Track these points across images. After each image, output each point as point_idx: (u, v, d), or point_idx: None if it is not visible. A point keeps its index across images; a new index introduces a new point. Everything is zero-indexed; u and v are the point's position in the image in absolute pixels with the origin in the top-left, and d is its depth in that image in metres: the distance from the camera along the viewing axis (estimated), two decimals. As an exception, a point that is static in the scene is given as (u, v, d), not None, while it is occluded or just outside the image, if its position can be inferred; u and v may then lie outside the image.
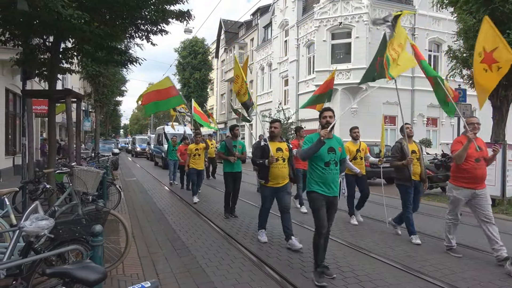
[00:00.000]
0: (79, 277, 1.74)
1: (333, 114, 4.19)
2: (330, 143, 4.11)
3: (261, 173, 5.50)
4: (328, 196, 4.06)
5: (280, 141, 5.56)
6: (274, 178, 5.33)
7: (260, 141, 5.50)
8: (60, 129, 23.56)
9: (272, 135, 5.53)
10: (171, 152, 12.91)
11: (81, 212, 4.25)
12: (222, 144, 7.69)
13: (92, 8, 5.65)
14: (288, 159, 5.41)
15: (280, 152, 5.35)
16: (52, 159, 6.46)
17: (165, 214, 7.70)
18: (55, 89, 6.68)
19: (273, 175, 5.32)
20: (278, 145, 5.44)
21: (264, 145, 5.44)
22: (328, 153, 4.07)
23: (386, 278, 4.12)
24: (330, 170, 4.05)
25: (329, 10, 20.49)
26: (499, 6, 8.32)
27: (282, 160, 5.33)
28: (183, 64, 33.70)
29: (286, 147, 5.46)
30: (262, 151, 5.43)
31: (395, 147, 5.89)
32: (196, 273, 4.27)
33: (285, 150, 5.40)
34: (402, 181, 5.72)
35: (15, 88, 13.14)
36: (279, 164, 5.31)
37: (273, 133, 5.51)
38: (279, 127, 5.57)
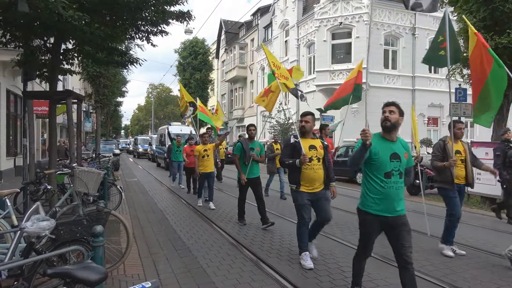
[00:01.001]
0: (80, 277, 1.75)
1: (396, 109, 3.27)
2: (393, 148, 3.19)
3: (291, 176, 4.62)
4: (387, 216, 3.15)
5: (313, 138, 4.71)
6: (308, 182, 4.48)
7: (290, 138, 4.75)
8: (61, 130, 23.57)
9: (303, 131, 4.69)
10: (175, 153, 12.29)
11: (82, 213, 4.26)
12: (237, 146, 6.78)
13: (92, 10, 5.65)
14: (323, 159, 4.58)
15: (313, 151, 4.51)
16: (52, 160, 6.47)
17: (166, 214, 7.71)
18: (56, 90, 6.69)
19: (306, 178, 4.47)
20: (310, 142, 4.60)
21: (294, 142, 4.62)
22: (390, 161, 3.15)
23: (387, 278, 4.12)
24: (392, 183, 3.13)
25: (329, 10, 20.50)
26: (499, 5, 8.32)
27: (317, 160, 4.51)
28: (183, 64, 33.75)
29: (320, 145, 4.62)
30: (292, 149, 4.60)
31: (437, 145, 5.25)
32: (197, 273, 4.28)
33: (319, 148, 4.57)
34: (444, 183, 5.06)
35: (16, 89, 13.17)
36: (313, 164, 4.47)
37: (304, 129, 4.67)
38: (311, 121, 4.65)
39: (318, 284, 3.97)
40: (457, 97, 11.79)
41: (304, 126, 4.65)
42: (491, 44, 8.47)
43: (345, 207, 8.67)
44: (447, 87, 4.34)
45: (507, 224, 7.18)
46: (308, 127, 4.65)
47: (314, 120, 4.72)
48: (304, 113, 4.74)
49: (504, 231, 6.56)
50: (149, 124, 61.27)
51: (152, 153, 26.30)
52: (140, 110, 72.79)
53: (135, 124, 75.40)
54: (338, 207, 8.65)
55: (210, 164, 8.59)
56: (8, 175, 12.30)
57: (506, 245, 5.12)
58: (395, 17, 21.12)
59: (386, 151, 3.16)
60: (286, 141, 4.75)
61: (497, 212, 7.68)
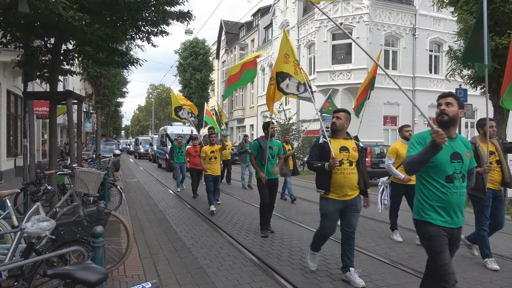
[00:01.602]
0: (80, 278, 1.75)
1: (455, 100, 2.77)
2: (453, 146, 2.74)
3: (319, 180, 4.09)
4: (451, 228, 2.73)
5: (346, 138, 4.08)
6: (339, 188, 3.91)
7: (319, 137, 4.16)
8: (62, 130, 23.60)
9: (333, 129, 4.10)
10: (176, 154, 11.75)
11: (82, 213, 4.26)
12: (254, 145, 6.25)
13: (93, 10, 5.66)
14: (357, 163, 3.99)
15: (345, 153, 3.93)
16: (53, 160, 6.47)
17: (166, 215, 7.71)
18: (56, 91, 6.70)
19: (337, 183, 3.90)
20: (342, 143, 4.01)
21: (323, 142, 4.03)
22: (451, 162, 2.71)
23: (387, 279, 4.12)
24: (455, 188, 2.69)
25: (329, 10, 20.49)
26: (499, 6, 8.31)
27: (349, 163, 3.91)
28: (183, 65, 33.77)
29: (354, 146, 4.02)
30: (320, 150, 4.05)
31: None
32: (197, 273, 4.28)
33: (352, 150, 3.97)
34: (474, 191, 4.36)
35: (17, 89, 13.18)
36: (344, 168, 3.88)
37: (334, 126, 4.07)
38: (343, 118, 4.03)
39: (318, 285, 3.97)
40: (458, 97, 11.76)
41: (335, 123, 4.05)
42: (491, 44, 8.47)
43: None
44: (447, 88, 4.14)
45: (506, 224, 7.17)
46: (339, 124, 4.02)
47: (349, 118, 4.10)
48: (337, 109, 4.25)
49: (504, 231, 6.55)
50: (149, 124, 61.33)
51: (153, 153, 26.07)
52: (141, 111, 72.83)
53: (135, 125, 75.45)
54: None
55: (217, 167, 8.15)
56: (9, 175, 12.30)
57: (505, 245, 5.12)
58: (395, 18, 21.13)
59: (445, 151, 2.65)
60: (315, 141, 4.20)
61: None
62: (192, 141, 10.59)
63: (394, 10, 21.10)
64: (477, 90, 10.23)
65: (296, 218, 7.25)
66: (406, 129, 5.75)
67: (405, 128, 5.79)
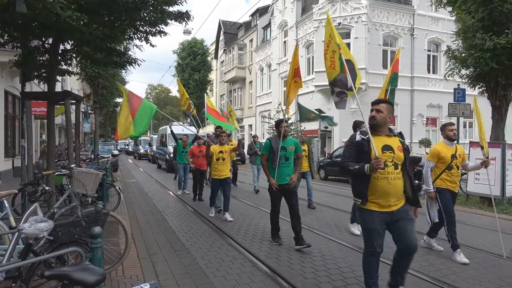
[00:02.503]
0: (78, 279, 1.74)
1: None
2: None
3: (355, 187, 3.38)
4: None
5: (389, 135, 3.35)
6: (381, 197, 3.19)
7: (355, 134, 3.43)
8: (60, 131, 23.55)
9: (373, 124, 3.33)
10: (180, 154, 10.94)
11: (81, 214, 4.24)
12: (265, 144, 5.56)
13: (91, 10, 5.64)
14: (402, 165, 3.26)
15: (389, 153, 3.22)
16: (51, 161, 6.45)
17: (165, 215, 7.69)
18: (54, 91, 6.68)
19: (379, 190, 3.18)
20: (385, 140, 3.28)
21: (361, 140, 3.29)
22: None
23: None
24: None
25: (328, 10, 20.52)
26: (497, 5, 8.33)
27: (394, 166, 3.20)
28: (182, 65, 33.76)
29: (399, 145, 3.29)
30: (358, 150, 3.31)
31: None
32: (196, 274, 4.27)
33: (397, 150, 3.24)
34: None
35: (14, 90, 13.14)
36: (388, 172, 3.17)
37: (373, 120, 3.32)
38: (385, 111, 3.30)
39: (317, 285, 3.96)
40: (456, 97, 11.80)
41: (374, 117, 3.30)
42: (489, 44, 8.49)
43: (344, 207, 8.67)
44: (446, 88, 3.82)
45: (506, 224, 7.18)
46: (380, 118, 3.28)
47: (392, 111, 3.40)
48: (378, 100, 3.44)
49: (503, 231, 6.56)
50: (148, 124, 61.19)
51: (153, 154, 25.92)
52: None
53: (134, 125, 75.12)
54: (338, 207, 8.65)
55: (226, 169, 7.31)
56: (6, 176, 12.27)
57: (505, 245, 5.13)
58: (393, 18, 21.17)
59: None
60: (350, 139, 3.46)
61: None
62: (197, 140, 9.88)
63: (393, 10, 21.14)
64: (476, 89, 10.24)
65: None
66: (450, 128, 4.92)
67: (449, 126, 4.94)
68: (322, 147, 20.85)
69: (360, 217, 3.44)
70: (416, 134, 21.00)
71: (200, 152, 9.34)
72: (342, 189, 12.53)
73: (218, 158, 7.22)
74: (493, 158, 8.23)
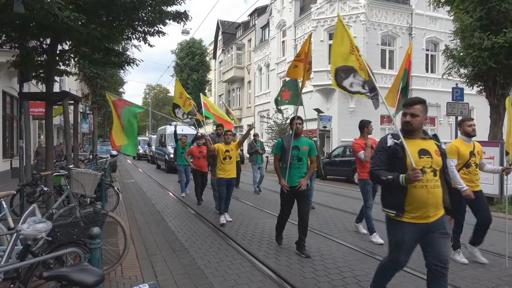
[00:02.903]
0: (76, 280, 1.73)
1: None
2: None
3: (387, 196, 2.98)
4: None
5: (424, 138, 2.97)
6: (419, 208, 2.82)
7: (386, 138, 3.02)
8: (58, 131, 23.52)
9: (408, 130, 2.94)
10: (180, 155, 10.60)
11: (79, 215, 4.24)
12: (277, 144, 5.24)
13: (89, 10, 5.63)
14: (441, 171, 2.93)
15: (426, 158, 2.85)
16: (49, 161, 6.43)
17: (163, 216, 7.68)
18: (52, 92, 6.66)
19: (417, 201, 2.82)
20: (421, 144, 2.93)
21: (394, 145, 2.92)
22: None
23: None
24: None
25: (326, 10, 20.53)
26: (495, 5, 8.35)
27: (432, 172, 2.84)
28: (180, 65, 33.73)
29: (436, 149, 2.93)
30: (390, 156, 2.93)
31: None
32: (195, 274, 4.27)
33: (435, 154, 2.89)
34: None
35: (12, 90, 13.11)
36: (427, 180, 2.80)
37: (409, 126, 2.92)
38: (421, 114, 2.91)
39: (316, 285, 3.96)
40: (454, 96, 11.81)
41: (410, 123, 2.91)
42: (487, 43, 8.51)
43: (343, 207, 8.68)
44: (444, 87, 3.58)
45: (505, 223, 7.19)
46: (417, 123, 2.90)
47: (426, 111, 3.02)
48: (411, 101, 2.99)
49: (503, 230, 6.57)
50: (146, 125, 61.17)
51: (152, 154, 25.83)
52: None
53: (132, 125, 75.05)
54: (337, 207, 8.66)
55: (233, 168, 6.92)
56: (5, 177, 12.23)
57: (504, 244, 5.13)
58: (392, 17, 21.19)
59: None
60: (380, 143, 3.06)
61: None
62: (197, 141, 9.50)
63: (391, 10, 21.16)
64: (474, 89, 10.26)
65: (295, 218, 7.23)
66: (469, 123, 4.64)
67: (467, 122, 4.66)
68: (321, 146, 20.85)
69: (390, 227, 3.01)
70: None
71: (200, 153, 9.04)
72: (341, 188, 12.54)
73: (225, 157, 6.80)
74: (491, 157, 8.25)
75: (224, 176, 6.77)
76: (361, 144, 5.76)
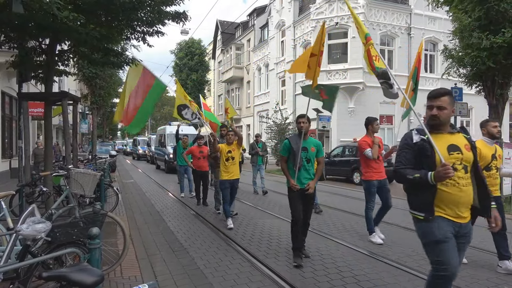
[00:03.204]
0: (75, 280, 1.74)
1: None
2: None
3: (414, 197, 2.71)
4: None
5: (452, 132, 2.71)
6: (450, 208, 2.58)
7: (411, 134, 2.75)
8: (57, 131, 23.50)
9: (435, 124, 2.67)
10: (180, 156, 10.30)
11: (78, 215, 4.23)
12: (284, 145, 4.90)
13: (88, 10, 5.63)
14: (472, 167, 2.67)
15: (456, 154, 2.60)
16: (48, 162, 6.43)
17: (163, 216, 7.68)
18: (51, 92, 6.66)
19: (448, 200, 2.57)
20: (449, 139, 2.66)
21: (421, 141, 2.65)
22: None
23: (384, 278, 4.12)
24: None
25: (325, 10, 20.54)
26: (494, 5, 8.36)
27: (464, 169, 2.59)
28: (180, 65, 33.72)
29: (466, 143, 2.67)
30: (416, 153, 2.67)
31: None
32: (195, 274, 4.27)
33: (465, 149, 2.63)
34: None
35: (11, 91, 13.10)
36: (458, 177, 2.56)
37: (435, 121, 2.66)
38: (449, 106, 2.65)
39: (316, 285, 3.97)
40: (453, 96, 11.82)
41: (437, 116, 2.64)
42: (486, 43, 8.52)
43: (342, 207, 8.69)
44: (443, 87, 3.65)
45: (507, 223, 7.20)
46: (444, 117, 2.64)
47: (454, 103, 2.78)
48: (436, 92, 2.71)
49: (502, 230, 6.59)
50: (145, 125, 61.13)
51: (151, 154, 25.75)
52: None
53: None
54: (336, 206, 8.67)
55: (236, 169, 6.70)
56: (4, 177, 12.23)
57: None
58: (390, 17, 21.22)
59: None
60: (405, 139, 2.78)
61: None
62: (198, 140, 9.27)
63: (390, 10, 21.18)
64: (472, 88, 10.28)
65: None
66: (494, 124, 4.43)
67: (492, 123, 4.46)
68: (320, 146, 20.83)
69: (422, 230, 2.67)
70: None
71: (200, 153, 8.85)
72: (341, 188, 12.55)
73: (228, 158, 6.58)
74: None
75: (227, 178, 6.57)
76: (368, 141, 5.60)
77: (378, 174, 5.55)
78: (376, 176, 5.53)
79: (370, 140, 5.62)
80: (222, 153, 6.60)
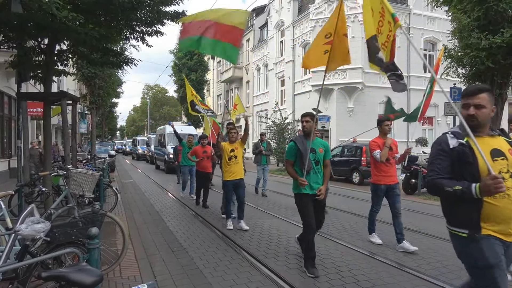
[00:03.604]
0: (75, 280, 1.73)
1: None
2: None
3: (457, 212, 2.32)
4: None
5: (492, 135, 2.38)
6: (500, 223, 2.20)
7: (446, 138, 2.38)
8: (56, 131, 23.46)
9: (471, 124, 2.28)
10: (185, 156, 9.89)
11: (78, 215, 4.23)
12: (289, 147, 4.57)
13: (87, 10, 5.63)
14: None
15: (501, 160, 2.25)
16: (48, 162, 6.43)
17: (162, 216, 7.67)
18: (50, 92, 6.66)
19: (496, 216, 2.19)
20: (491, 143, 2.32)
21: (461, 146, 2.29)
22: None
23: (383, 278, 4.12)
24: None
25: (324, 10, 20.55)
26: (493, 5, 8.37)
27: (511, 178, 2.22)
28: (179, 65, 33.67)
29: (508, 147, 2.33)
30: (455, 161, 2.29)
31: None
32: (194, 274, 4.26)
33: (509, 154, 2.29)
34: None
35: (10, 90, 13.08)
36: (508, 188, 2.15)
37: (474, 120, 2.30)
38: (489, 104, 2.32)
39: (315, 285, 3.97)
40: (452, 96, 11.84)
41: (475, 116, 2.30)
42: (485, 43, 8.54)
43: (342, 207, 8.69)
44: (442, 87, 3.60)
45: None
46: (483, 116, 2.31)
47: (493, 101, 2.40)
48: (474, 88, 2.39)
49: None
50: (145, 125, 61.15)
51: (150, 154, 25.71)
52: (136, 111, 72.60)
53: (130, 125, 75.24)
54: (335, 206, 8.67)
55: (240, 169, 6.41)
56: (3, 177, 12.21)
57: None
58: (390, 17, 21.21)
59: None
60: (438, 145, 2.39)
61: None
62: (201, 140, 9.00)
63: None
64: (472, 89, 10.27)
65: (292, 218, 7.25)
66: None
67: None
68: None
69: (465, 250, 2.30)
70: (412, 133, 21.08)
71: (204, 153, 8.57)
72: (340, 188, 12.55)
73: (230, 157, 6.30)
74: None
75: (230, 178, 6.31)
76: (379, 143, 5.39)
77: (388, 178, 5.29)
78: (385, 180, 5.28)
79: (381, 141, 5.41)
80: (225, 152, 6.35)
